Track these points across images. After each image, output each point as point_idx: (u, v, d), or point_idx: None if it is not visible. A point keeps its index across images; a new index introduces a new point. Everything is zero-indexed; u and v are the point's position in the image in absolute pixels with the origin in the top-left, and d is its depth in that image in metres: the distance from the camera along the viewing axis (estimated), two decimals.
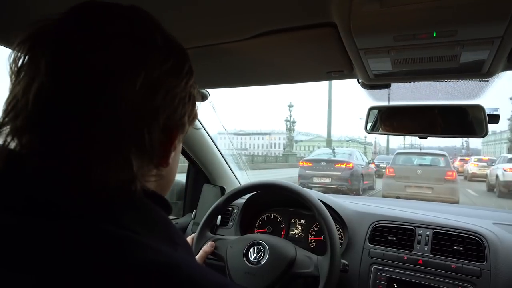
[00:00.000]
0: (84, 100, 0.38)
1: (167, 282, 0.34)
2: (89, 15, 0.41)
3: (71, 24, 0.40)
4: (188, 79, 0.46)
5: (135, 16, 0.44)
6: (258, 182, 1.30)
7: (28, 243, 0.34)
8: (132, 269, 0.34)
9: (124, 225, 0.38)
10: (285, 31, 0.79)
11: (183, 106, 0.46)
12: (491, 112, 1.10)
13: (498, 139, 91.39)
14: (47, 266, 0.33)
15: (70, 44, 0.38)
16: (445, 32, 0.67)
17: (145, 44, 0.42)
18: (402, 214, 1.29)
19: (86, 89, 0.38)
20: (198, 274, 0.37)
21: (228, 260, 1.12)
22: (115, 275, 0.33)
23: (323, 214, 1.10)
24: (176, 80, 0.44)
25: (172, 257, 0.37)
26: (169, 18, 0.74)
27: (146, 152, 0.41)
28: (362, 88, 1.09)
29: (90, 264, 0.33)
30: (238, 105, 33.11)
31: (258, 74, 1.13)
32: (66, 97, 0.37)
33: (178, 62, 0.45)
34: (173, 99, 0.44)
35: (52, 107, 0.37)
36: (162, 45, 0.43)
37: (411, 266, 1.13)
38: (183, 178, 1.86)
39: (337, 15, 0.69)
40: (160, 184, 0.48)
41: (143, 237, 0.37)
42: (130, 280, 0.33)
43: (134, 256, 0.35)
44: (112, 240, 0.35)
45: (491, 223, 1.24)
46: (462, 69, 0.85)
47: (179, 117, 0.46)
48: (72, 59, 0.38)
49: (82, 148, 0.37)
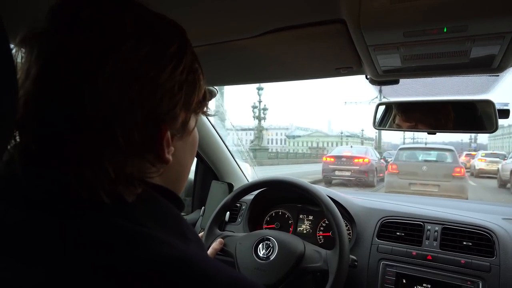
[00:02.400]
0: (67, 98, 0.37)
1: (181, 277, 0.34)
2: (68, 5, 0.40)
3: (54, 18, 0.39)
4: (175, 65, 0.41)
5: (107, 1, 0.40)
6: (266, 178, 1.31)
7: (38, 237, 0.35)
8: (145, 263, 0.34)
9: (135, 219, 0.38)
10: (293, 28, 0.79)
11: (170, 97, 0.41)
12: (501, 107, 1.09)
13: (507, 133, 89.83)
14: (56, 260, 0.33)
15: (53, 40, 0.38)
16: (455, 27, 0.67)
17: (111, 31, 0.38)
18: (411, 210, 1.29)
19: (65, 86, 0.37)
20: (212, 268, 0.37)
21: (238, 257, 1.13)
22: (126, 269, 0.33)
23: (331, 210, 1.10)
24: (155, 68, 0.39)
25: (186, 252, 0.37)
26: (177, 16, 0.74)
27: (121, 149, 0.37)
28: (370, 84, 1.09)
29: (101, 258, 0.33)
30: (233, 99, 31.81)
31: (267, 71, 1.13)
32: (52, 96, 0.37)
33: (155, 49, 0.40)
34: (153, 91, 0.39)
35: (41, 106, 0.38)
36: (134, 31, 0.39)
37: (420, 262, 1.13)
38: (192, 174, 1.87)
39: (347, 12, 0.68)
40: (167, 180, 0.46)
41: (155, 231, 0.37)
42: (143, 274, 0.33)
43: (146, 250, 0.35)
44: (123, 234, 0.36)
45: (501, 218, 1.24)
46: (472, 64, 0.85)
47: (167, 110, 0.41)
48: (56, 55, 0.37)
49: (74, 148, 0.37)
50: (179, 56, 0.42)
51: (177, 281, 0.34)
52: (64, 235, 0.35)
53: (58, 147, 0.37)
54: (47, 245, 0.34)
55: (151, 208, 0.41)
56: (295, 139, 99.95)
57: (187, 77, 0.43)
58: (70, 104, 0.37)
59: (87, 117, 0.36)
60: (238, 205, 1.55)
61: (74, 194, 0.36)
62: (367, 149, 13.84)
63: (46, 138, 0.38)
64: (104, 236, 0.35)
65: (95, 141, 0.37)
